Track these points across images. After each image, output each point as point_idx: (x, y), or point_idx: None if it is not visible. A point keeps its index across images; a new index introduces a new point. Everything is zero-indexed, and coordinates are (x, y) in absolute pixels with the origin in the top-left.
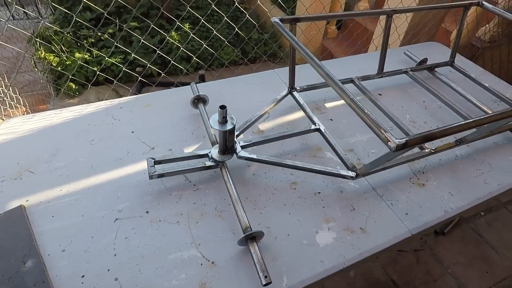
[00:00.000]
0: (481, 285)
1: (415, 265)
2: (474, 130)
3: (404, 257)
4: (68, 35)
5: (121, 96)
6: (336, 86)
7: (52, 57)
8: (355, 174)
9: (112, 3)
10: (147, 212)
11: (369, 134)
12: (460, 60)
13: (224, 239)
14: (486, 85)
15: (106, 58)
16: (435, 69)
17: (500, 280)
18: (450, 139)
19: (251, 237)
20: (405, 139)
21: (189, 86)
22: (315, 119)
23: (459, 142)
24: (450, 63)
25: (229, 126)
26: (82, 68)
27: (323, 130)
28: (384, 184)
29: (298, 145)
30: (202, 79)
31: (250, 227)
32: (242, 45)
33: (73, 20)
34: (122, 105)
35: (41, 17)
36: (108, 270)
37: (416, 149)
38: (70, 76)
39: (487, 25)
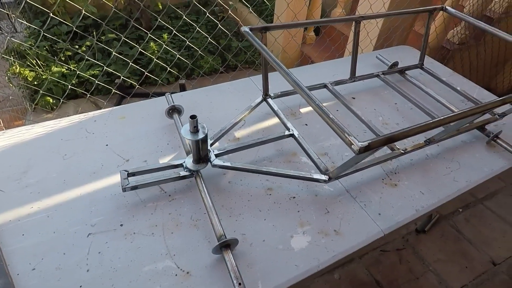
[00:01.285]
0: (462, 280)
1: (398, 264)
2: (442, 129)
3: (387, 257)
4: (44, 49)
5: (100, 108)
6: (303, 92)
7: (27, 72)
8: (328, 177)
9: (80, 17)
10: (121, 225)
11: None
12: (430, 62)
13: (199, 248)
14: (454, 86)
15: (83, 71)
16: (406, 72)
17: (479, 274)
18: (421, 139)
19: (225, 245)
20: (368, 141)
21: (164, 96)
22: (289, 124)
23: (428, 142)
24: (420, 65)
25: (200, 135)
26: (59, 82)
27: (296, 135)
28: (358, 186)
29: (274, 151)
30: (182, 88)
31: (225, 235)
32: (218, 53)
33: (41, 34)
34: (96, 118)
35: (16, 31)
36: (80, 286)
37: (388, 150)
38: (47, 91)
39: (455, 28)
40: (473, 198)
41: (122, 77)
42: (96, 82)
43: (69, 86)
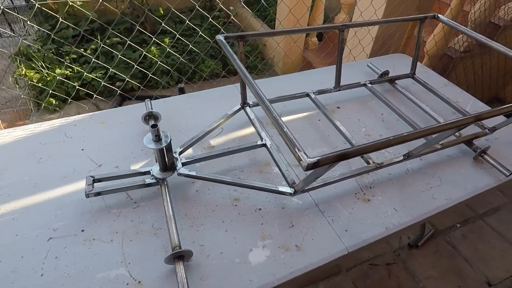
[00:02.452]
0: None
1: (387, 279)
2: (422, 142)
3: (376, 271)
4: (50, 52)
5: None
6: (263, 103)
7: (32, 74)
8: (294, 190)
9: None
10: (82, 230)
11: (320, 148)
12: (424, 71)
13: (155, 257)
14: (446, 97)
15: (86, 74)
16: (396, 81)
17: None
18: (403, 151)
19: (177, 256)
20: (317, 158)
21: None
22: (263, 134)
23: (406, 156)
24: (411, 75)
25: (163, 144)
26: (63, 84)
27: (269, 145)
28: (328, 200)
29: (247, 161)
30: (181, 92)
31: (180, 245)
32: (219, 57)
33: (51, 38)
34: (76, 122)
35: (29, 34)
36: None
37: (363, 163)
38: (51, 92)
39: (459, 35)
40: (473, 213)
41: (127, 79)
42: (104, 83)
43: (73, 88)
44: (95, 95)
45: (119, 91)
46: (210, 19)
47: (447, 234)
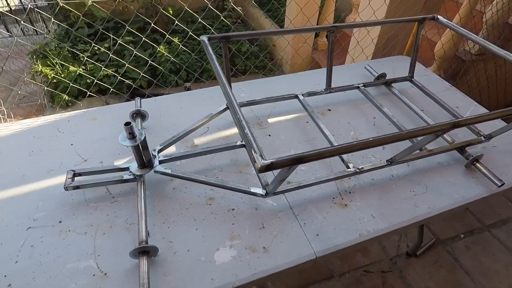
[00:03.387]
0: None
1: (381, 287)
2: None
3: (370, 278)
4: (65, 50)
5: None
6: (231, 105)
7: (48, 71)
8: (265, 192)
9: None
10: (60, 221)
11: (304, 150)
12: (426, 74)
13: (124, 251)
14: (445, 101)
15: (98, 71)
16: (393, 84)
17: None
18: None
19: (142, 251)
20: (270, 160)
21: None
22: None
23: (389, 162)
24: (409, 78)
25: (137, 142)
26: (76, 81)
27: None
28: (304, 203)
29: (228, 161)
30: (188, 90)
31: (146, 241)
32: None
33: (68, 36)
34: (70, 118)
35: (49, 31)
36: (5, 276)
37: (343, 167)
38: (63, 89)
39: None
40: (480, 223)
41: (140, 75)
42: (114, 81)
43: (89, 84)
44: (112, 89)
45: (133, 85)
46: (222, 17)
47: (449, 244)
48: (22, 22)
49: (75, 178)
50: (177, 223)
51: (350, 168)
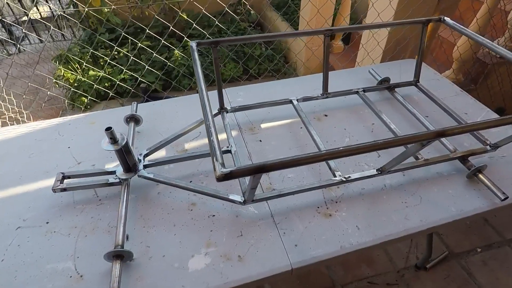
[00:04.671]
0: None
1: None
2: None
3: None
4: (87, 55)
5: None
6: (204, 110)
7: (69, 75)
8: (244, 200)
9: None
10: (47, 222)
11: None
12: (435, 79)
13: (102, 254)
14: (450, 108)
15: (116, 75)
16: (395, 89)
17: None
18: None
19: (116, 255)
20: (230, 169)
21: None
22: (231, 140)
23: (379, 171)
24: (415, 83)
25: (119, 146)
26: (94, 84)
27: (233, 152)
28: (286, 212)
29: None
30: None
31: (122, 245)
32: (241, 61)
33: (90, 42)
34: (71, 122)
35: (75, 37)
36: None
37: (330, 175)
38: (83, 92)
39: (499, 38)
40: (500, 237)
41: (154, 78)
42: (130, 85)
43: (107, 87)
44: (133, 89)
45: (147, 90)
46: (238, 20)
47: (463, 258)
48: (52, 27)
49: (65, 180)
50: (156, 227)
51: (336, 177)
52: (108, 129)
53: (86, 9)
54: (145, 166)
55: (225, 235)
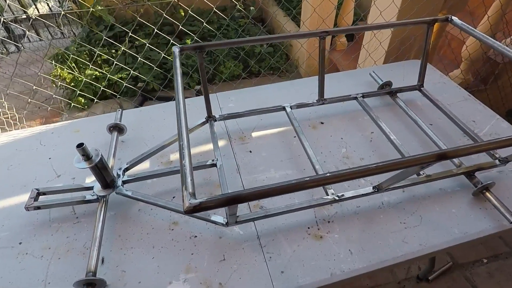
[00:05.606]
0: None
1: None
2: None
3: None
4: (84, 53)
5: (123, 109)
6: (179, 123)
7: (66, 74)
8: (227, 221)
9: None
10: (20, 243)
11: (285, 170)
12: (442, 82)
13: (74, 280)
14: (456, 115)
15: (113, 74)
16: (397, 94)
17: None
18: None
19: (87, 283)
20: (199, 201)
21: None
22: (217, 153)
23: (376, 189)
24: (418, 87)
25: (93, 163)
26: (91, 84)
27: (218, 166)
28: (274, 233)
29: (200, 180)
30: (199, 94)
31: (95, 272)
32: (240, 58)
33: (88, 41)
34: (54, 130)
35: (75, 36)
36: None
37: (322, 193)
38: (80, 92)
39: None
40: (508, 248)
41: (151, 78)
42: (128, 84)
43: (104, 87)
44: (135, 88)
45: (144, 89)
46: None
47: (468, 269)
48: (54, 25)
49: (40, 197)
50: (134, 249)
51: (329, 195)
52: (80, 145)
53: (77, 11)
54: (124, 182)
55: (207, 259)
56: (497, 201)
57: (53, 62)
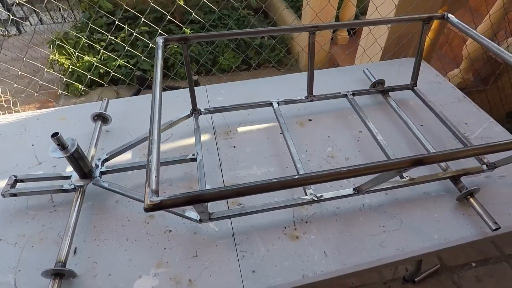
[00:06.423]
0: None
1: None
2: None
3: None
4: (82, 40)
5: (119, 97)
6: (152, 127)
7: (64, 59)
8: (200, 218)
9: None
10: None
11: (267, 167)
12: (437, 82)
13: (45, 268)
14: (445, 117)
15: (111, 62)
16: (389, 93)
17: None
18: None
19: (55, 273)
20: (160, 199)
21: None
22: (198, 147)
23: (356, 191)
24: (411, 86)
25: (68, 152)
26: (89, 70)
27: (198, 161)
28: (249, 231)
29: (181, 174)
30: (196, 84)
31: (64, 262)
32: (240, 50)
33: (88, 26)
34: (40, 116)
35: (77, 21)
36: None
37: (303, 192)
38: (77, 78)
39: None
40: (498, 252)
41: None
42: (125, 72)
43: (101, 74)
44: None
45: (143, 78)
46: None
47: (456, 272)
48: (55, 9)
49: (17, 184)
50: (108, 241)
51: (307, 195)
52: (55, 134)
53: None
54: (102, 173)
55: (179, 255)
56: (480, 208)
57: (51, 46)
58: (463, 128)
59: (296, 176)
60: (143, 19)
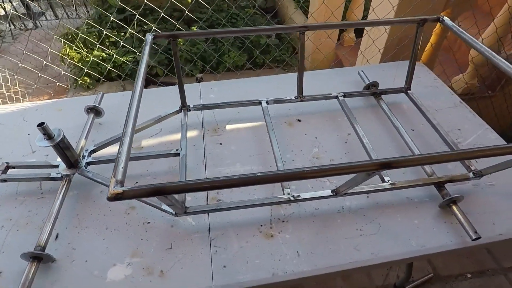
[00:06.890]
0: None
1: None
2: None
3: None
4: (93, 34)
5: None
6: (129, 115)
7: (74, 54)
8: (175, 212)
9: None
10: None
11: (251, 165)
12: (434, 86)
13: (27, 251)
14: (437, 123)
15: (120, 56)
16: (382, 96)
17: None
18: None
19: (33, 256)
20: (122, 189)
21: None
22: (182, 143)
23: (334, 193)
24: (405, 90)
25: (54, 141)
26: (98, 65)
27: (181, 156)
28: (225, 227)
29: (166, 168)
30: (199, 82)
31: (43, 247)
32: (245, 48)
33: (99, 22)
34: (38, 107)
35: (90, 15)
36: None
37: (280, 192)
38: (86, 71)
39: None
40: (495, 264)
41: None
42: (132, 67)
43: (109, 68)
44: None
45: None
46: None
47: (450, 282)
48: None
49: (8, 170)
50: (88, 229)
51: (284, 194)
52: (41, 124)
53: None
54: (88, 163)
55: (154, 246)
56: (462, 216)
57: (63, 40)
58: (456, 134)
59: (259, 174)
60: (162, 13)
